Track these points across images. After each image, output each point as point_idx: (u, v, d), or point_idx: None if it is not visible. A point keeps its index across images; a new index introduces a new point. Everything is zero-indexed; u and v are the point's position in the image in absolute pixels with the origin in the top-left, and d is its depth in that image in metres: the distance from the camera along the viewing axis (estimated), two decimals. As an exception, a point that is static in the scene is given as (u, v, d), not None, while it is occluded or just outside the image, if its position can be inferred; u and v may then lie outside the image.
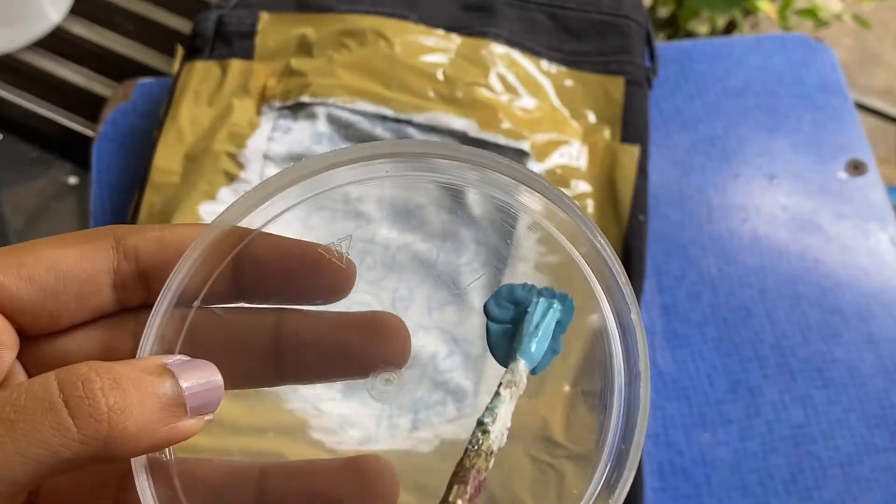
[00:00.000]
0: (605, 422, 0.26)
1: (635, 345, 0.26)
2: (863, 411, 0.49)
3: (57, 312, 0.23)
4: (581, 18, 0.57)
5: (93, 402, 0.20)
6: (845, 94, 0.60)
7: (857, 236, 0.55)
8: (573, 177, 0.52)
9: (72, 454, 0.20)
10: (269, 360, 0.25)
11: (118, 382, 0.20)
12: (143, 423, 0.21)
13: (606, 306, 0.27)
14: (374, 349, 0.25)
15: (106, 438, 0.20)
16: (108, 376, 0.20)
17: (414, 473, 0.46)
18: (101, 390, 0.20)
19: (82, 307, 0.24)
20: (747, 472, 0.48)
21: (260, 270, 0.25)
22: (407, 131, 0.52)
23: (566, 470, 0.46)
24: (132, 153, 0.56)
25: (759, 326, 0.52)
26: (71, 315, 0.24)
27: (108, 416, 0.20)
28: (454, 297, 0.50)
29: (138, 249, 0.24)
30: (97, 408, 0.20)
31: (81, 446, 0.20)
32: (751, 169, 0.57)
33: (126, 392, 0.20)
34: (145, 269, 0.24)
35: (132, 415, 0.20)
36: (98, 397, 0.20)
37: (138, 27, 0.65)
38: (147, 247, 0.24)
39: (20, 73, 0.63)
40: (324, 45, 0.55)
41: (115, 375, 0.21)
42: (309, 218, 0.33)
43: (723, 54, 0.61)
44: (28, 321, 0.23)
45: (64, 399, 0.20)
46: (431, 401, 0.48)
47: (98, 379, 0.20)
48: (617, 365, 0.26)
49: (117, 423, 0.20)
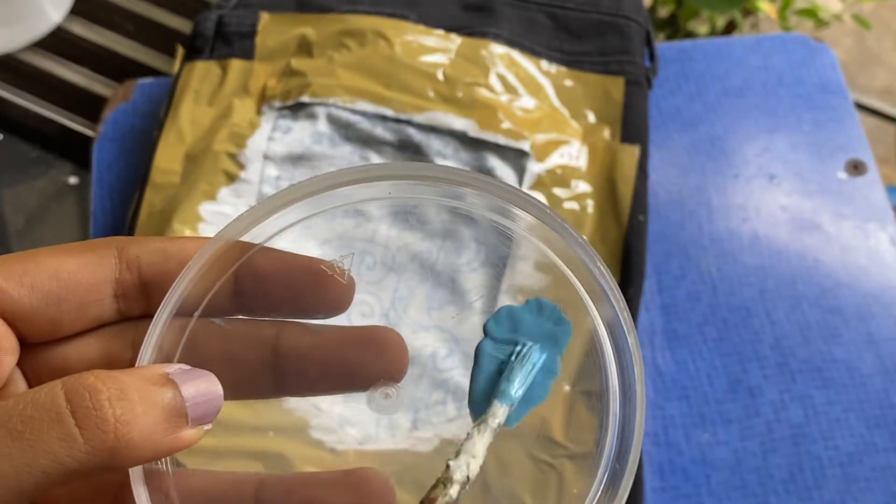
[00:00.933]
0: (604, 422, 0.26)
1: (627, 345, 0.27)
2: (862, 411, 0.49)
3: (58, 320, 0.23)
4: (581, 18, 0.57)
5: (100, 413, 0.20)
6: (845, 94, 0.60)
7: (857, 236, 0.55)
8: (573, 177, 0.52)
9: (78, 465, 0.20)
10: (268, 373, 0.25)
11: (124, 393, 0.20)
12: (147, 434, 0.21)
13: (595, 313, 0.28)
14: (373, 364, 0.26)
15: (112, 449, 0.20)
16: (114, 387, 0.20)
17: (413, 472, 0.46)
18: (109, 401, 0.20)
19: (83, 316, 0.24)
20: (747, 472, 0.48)
21: (261, 284, 0.25)
22: (407, 131, 0.52)
23: (566, 469, 0.46)
24: (132, 153, 0.56)
25: (759, 326, 0.52)
26: (71, 324, 0.24)
27: (115, 427, 0.20)
28: (454, 296, 0.50)
29: (140, 260, 0.24)
30: (104, 419, 0.20)
31: (87, 457, 0.20)
32: (751, 169, 0.57)
33: (132, 402, 0.20)
34: (147, 280, 0.24)
35: (137, 425, 0.20)
36: (105, 408, 0.20)
37: (139, 27, 0.65)
38: (149, 258, 0.24)
39: (21, 73, 0.63)
40: (324, 45, 0.55)
41: (121, 386, 0.21)
42: (309, 219, 0.33)
43: (723, 54, 0.61)
44: (29, 328, 0.23)
45: (71, 410, 0.20)
46: (431, 400, 0.48)
47: (105, 389, 0.20)
48: (611, 365, 0.27)
49: (123, 434, 0.20)
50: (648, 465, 0.48)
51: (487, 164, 0.52)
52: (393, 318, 0.50)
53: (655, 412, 0.49)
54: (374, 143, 0.52)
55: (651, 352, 0.51)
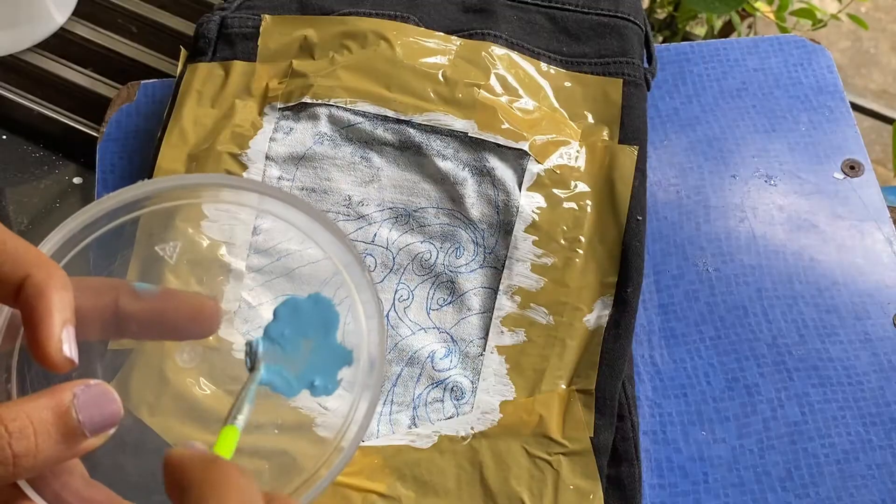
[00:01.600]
0: None
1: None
2: (858, 409, 0.50)
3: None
4: (580, 20, 0.58)
5: (1, 454, 0.24)
6: (842, 95, 0.60)
7: (853, 236, 0.55)
8: (572, 177, 0.52)
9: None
10: (110, 322, 0.31)
11: (23, 432, 0.25)
12: (45, 458, 0.25)
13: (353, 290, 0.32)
14: (186, 323, 0.32)
15: (12, 476, 0.25)
16: (14, 425, 0.25)
17: (413, 468, 0.47)
18: (9, 445, 0.24)
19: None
20: (744, 469, 0.48)
21: None
22: (408, 132, 0.52)
23: (562, 466, 0.46)
24: (136, 154, 0.56)
25: (756, 325, 0.52)
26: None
27: (14, 461, 0.25)
28: (452, 298, 0.51)
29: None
30: (5, 458, 0.25)
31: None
32: (748, 169, 0.57)
33: (29, 439, 0.25)
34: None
35: (36, 454, 0.25)
36: (5, 450, 0.24)
37: (142, 29, 0.66)
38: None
39: (25, 74, 0.63)
40: (325, 46, 0.55)
41: (20, 426, 0.25)
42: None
43: (720, 56, 0.61)
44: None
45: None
46: (430, 398, 0.48)
47: (5, 434, 0.25)
48: None
49: (22, 465, 0.25)
50: (646, 462, 0.48)
51: (487, 164, 0.52)
52: (393, 319, 0.50)
53: (654, 410, 0.50)
54: (375, 144, 0.53)
55: (649, 350, 0.51)
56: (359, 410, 0.31)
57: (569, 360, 0.49)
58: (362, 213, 0.52)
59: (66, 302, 0.27)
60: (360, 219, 0.52)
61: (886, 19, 1.36)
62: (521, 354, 0.49)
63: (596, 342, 0.49)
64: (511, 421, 0.47)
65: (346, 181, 0.52)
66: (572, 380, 0.49)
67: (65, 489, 0.28)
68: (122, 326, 0.31)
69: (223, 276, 0.47)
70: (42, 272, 0.27)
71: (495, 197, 0.52)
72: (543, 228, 0.51)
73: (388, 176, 0.52)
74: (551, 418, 0.47)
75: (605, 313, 0.50)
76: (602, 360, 0.48)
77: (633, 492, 0.46)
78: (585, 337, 0.49)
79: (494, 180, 0.52)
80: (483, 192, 0.52)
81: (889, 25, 1.36)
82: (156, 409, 0.40)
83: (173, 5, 0.67)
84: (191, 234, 0.42)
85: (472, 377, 0.48)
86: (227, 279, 0.47)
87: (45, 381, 0.28)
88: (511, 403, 0.48)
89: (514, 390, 0.48)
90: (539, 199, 0.51)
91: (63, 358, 0.26)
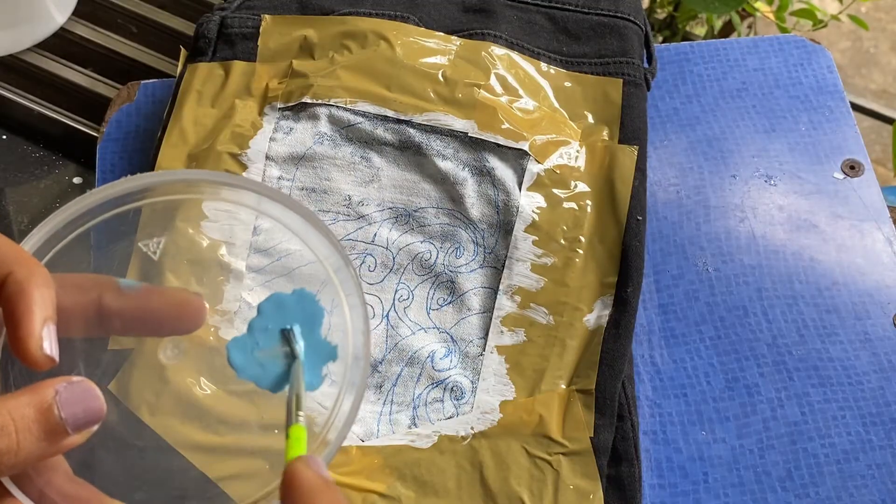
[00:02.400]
0: None
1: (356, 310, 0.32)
2: (858, 409, 0.50)
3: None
4: (580, 20, 0.58)
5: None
6: (842, 95, 0.60)
7: (853, 236, 0.55)
8: (572, 177, 0.52)
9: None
10: (94, 318, 0.31)
11: (5, 430, 0.25)
12: (27, 456, 0.25)
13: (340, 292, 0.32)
14: (169, 319, 0.32)
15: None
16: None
17: (413, 468, 0.47)
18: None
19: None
20: (744, 469, 0.48)
21: None
22: (408, 132, 0.52)
23: (562, 466, 0.46)
24: (136, 153, 0.56)
25: (756, 325, 0.52)
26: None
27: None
28: (452, 297, 0.51)
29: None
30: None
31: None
32: (748, 169, 0.57)
33: (10, 437, 0.25)
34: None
35: (18, 451, 0.25)
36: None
37: (142, 29, 0.66)
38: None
39: (25, 74, 0.63)
40: (325, 46, 0.55)
41: (1, 423, 0.25)
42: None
43: (720, 56, 0.61)
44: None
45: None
46: (430, 398, 0.48)
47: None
48: None
49: (4, 462, 0.25)
50: (646, 462, 0.48)
51: (487, 164, 0.52)
52: (393, 319, 0.50)
53: (654, 410, 0.50)
54: (375, 144, 0.53)
55: (649, 350, 0.51)
56: (344, 404, 0.31)
57: (569, 359, 0.49)
58: (362, 213, 0.52)
59: (48, 299, 0.27)
60: (360, 219, 0.52)
61: (886, 19, 1.36)
62: (521, 354, 0.49)
63: (596, 342, 0.49)
64: (511, 421, 0.47)
65: (346, 181, 0.52)
66: (572, 380, 0.49)
67: (48, 486, 0.28)
68: (105, 323, 0.31)
69: (223, 276, 0.46)
70: (23, 269, 0.27)
71: (495, 197, 0.52)
72: (543, 228, 0.51)
73: (388, 176, 0.52)
74: (551, 418, 0.47)
75: (605, 313, 0.50)
76: (602, 360, 0.48)
77: (633, 492, 0.46)
78: (585, 337, 0.49)
79: (494, 180, 0.52)
80: (483, 192, 0.52)
81: (889, 25, 1.36)
82: (156, 408, 0.40)
83: (173, 5, 0.67)
84: (191, 233, 0.42)
85: (472, 377, 0.49)
86: (228, 279, 0.47)
87: (28, 378, 0.28)
88: (511, 403, 0.48)
89: (514, 390, 0.48)
90: (539, 198, 0.51)
91: (43, 355, 0.26)
